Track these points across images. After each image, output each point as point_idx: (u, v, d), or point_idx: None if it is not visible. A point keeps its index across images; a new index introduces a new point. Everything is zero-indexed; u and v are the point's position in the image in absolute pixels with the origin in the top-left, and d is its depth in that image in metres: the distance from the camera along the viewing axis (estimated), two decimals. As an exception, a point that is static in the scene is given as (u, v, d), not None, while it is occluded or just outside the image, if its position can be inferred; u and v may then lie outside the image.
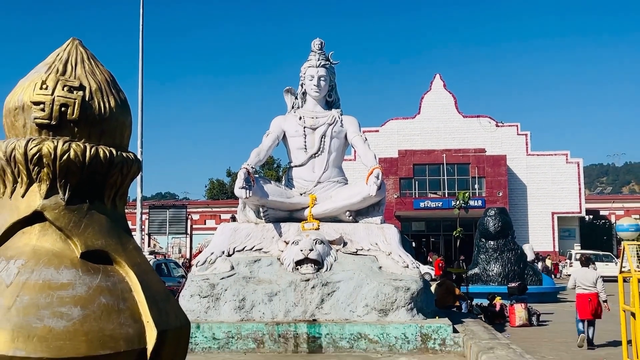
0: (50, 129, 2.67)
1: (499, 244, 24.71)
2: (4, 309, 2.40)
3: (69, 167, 2.63)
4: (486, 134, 51.05)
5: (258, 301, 11.39)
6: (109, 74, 2.86)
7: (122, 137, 2.88)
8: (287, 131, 13.59)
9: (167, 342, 2.64)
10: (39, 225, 2.66)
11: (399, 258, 11.92)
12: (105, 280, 2.61)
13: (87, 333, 2.43)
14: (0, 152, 2.66)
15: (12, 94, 2.75)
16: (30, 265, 2.53)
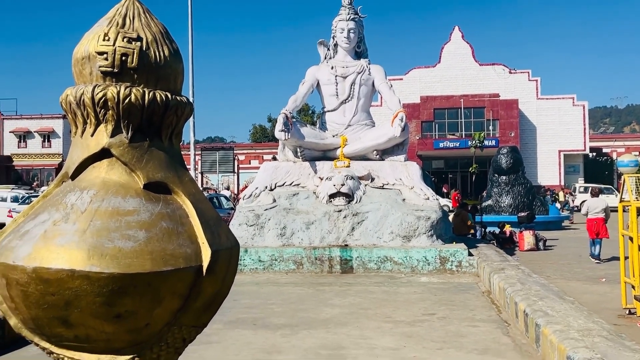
0: (113, 76, 2.67)
1: (510, 179, 24.66)
2: (80, 232, 2.46)
3: (131, 109, 2.65)
4: (500, 80, 50.10)
5: (297, 229, 11.56)
6: (162, 27, 2.84)
7: (176, 82, 2.88)
8: (320, 80, 13.53)
9: (219, 260, 2.69)
10: (106, 161, 2.69)
11: (420, 191, 11.94)
12: (165, 208, 2.65)
13: (151, 252, 2.49)
14: (71, 97, 2.68)
15: (79, 46, 2.76)
16: (100, 194, 2.58)
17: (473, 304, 7.78)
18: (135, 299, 2.45)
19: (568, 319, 5.49)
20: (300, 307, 7.67)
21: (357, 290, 8.94)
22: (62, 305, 2.44)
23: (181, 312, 2.61)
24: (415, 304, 7.78)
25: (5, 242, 2.57)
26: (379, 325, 6.56)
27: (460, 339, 5.91)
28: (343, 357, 5.26)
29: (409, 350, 5.48)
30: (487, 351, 5.46)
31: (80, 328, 2.50)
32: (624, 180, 8.31)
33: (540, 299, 6.44)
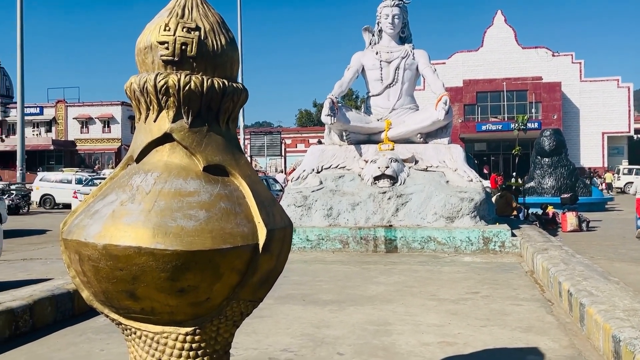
0: (174, 64, 2.73)
1: (553, 161, 24.20)
2: (145, 211, 2.53)
3: (191, 96, 2.70)
4: (543, 63, 48.92)
5: (343, 210, 11.61)
6: (219, 16, 2.88)
7: (232, 70, 2.92)
8: (365, 65, 13.47)
9: (274, 239, 2.74)
10: (168, 145, 2.76)
11: (463, 173, 11.81)
12: (223, 189, 2.71)
13: (211, 231, 2.55)
14: (135, 85, 2.75)
15: (141, 36, 2.82)
16: (163, 177, 2.65)
17: (516, 283, 7.69)
18: (197, 274, 2.52)
19: (613, 299, 5.39)
20: (346, 284, 7.72)
21: (401, 269, 8.95)
22: (129, 279, 2.53)
23: (239, 287, 2.68)
24: (459, 283, 7.74)
25: (77, 221, 2.68)
26: (423, 302, 6.56)
27: (504, 317, 5.86)
28: (389, 333, 5.28)
29: (454, 327, 5.47)
30: (531, 329, 5.41)
31: (146, 301, 2.59)
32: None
33: (584, 279, 6.33)
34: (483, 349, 4.80)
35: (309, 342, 5.03)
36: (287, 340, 5.06)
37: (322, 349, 4.82)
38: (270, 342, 5.03)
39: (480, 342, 4.98)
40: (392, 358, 4.58)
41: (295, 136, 59.28)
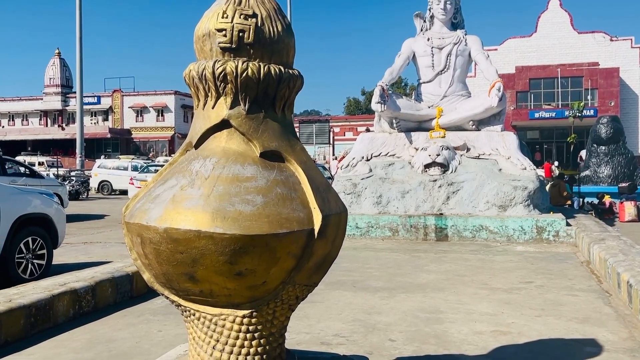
0: (231, 51, 2.75)
1: (610, 149, 23.44)
2: (204, 196, 2.58)
3: (248, 82, 2.72)
4: (600, 48, 47.24)
5: (392, 198, 11.56)
6: (275, 3, 2.89)
7: (288, 56, 2.93)
8: (416, 51, 13.33)
9: (329, 224, 2.74)
10: (226, 131, 2.79)
11: (517, 161, 11.58)
12: (279, 175, 2.73)
13: (268, 216, 2.58)
14: (194, 72, 2.80)
15: (200, 23, 2.85)
16: (221, 162, 2.69)
17: (571, 274, 7.52)
18: (254, 258, 2.56)
19: (675, 290, 5.23)
20: (397, 271, 7.71)
21: (452, 257, 8.87)
22: (189, 262, 2.59)
23: (295, 271, 2.71)
24: (511, 272, 7.62)
25: (139, 205, 2.75)
26: (475, 291, 6.49)
27: (559, 307, 5.75)
28: (441, 321, 5.26)
29: (507, 317, 5.40)
30: (588, 320, 5.29)
31: (205, 284, 2.65)
32: None
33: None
34: (538, 339, 4.73)
35: (361, 327, 5.05)
36: (339, 326, 5.09)
37: (374, 335, 4.83)
38: (322, 327, 5.07)
39: (534, 332, 4.91)
40: (445, 346, 4.56)
41: (343, 124, 59.13)
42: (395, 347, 4.53)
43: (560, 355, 4.36)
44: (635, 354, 4.39)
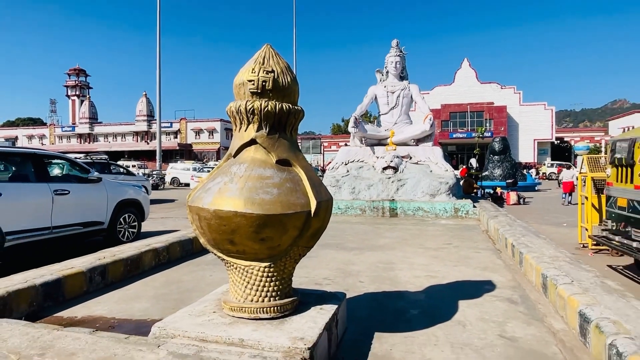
0: (257, 94, 2.73)
1: (501, 158, 23.58)
2: (239, 189, 2.56)
3: (268, 115, 2.70)
4: (494, 93, 47.35)
5: (362, 189, 11.53)
6: (286, 63, 2.86)
7: (294, 97, 2.90)
8: (377, 94, 13.28)
9: (321, 207, 2.73)
10: (254, 146, 2.77)
11: (442, 166, 11.57)
12: (288, 175, 2.72)
13: (281, 202, 2.56)
14: (233, 108, 2.77)
15: (237, 76, 2.82)
16: (250, 166, 2.67)
17: (476, 238, 7.52)
18: (272, 229, 2.54)
19: (542, 249, 5.24)
20: (365, 237, 7.69)
21: (400, 228, 8.86)
22: (229, 232, 2.57)
23: (298, 238, 2.70)
24: (438, 237, 7.62)
25: (197, 194, 2.72)
26: (415, 250, 6.48)
27: (469, 260, 5.75)
28: (393, 269, 5.25)
29: (435, 266, 5.40)
30: (486, 268, 5.29)
31: (240, 245, 2.63)
32: (583, 159, 7.72)
33: (522, 236, 6.16)
34: (455, 280, 4.73)
35: (341, 273, 5.03)
36: (327, 272, 5.07)
37: (350, 278, 4.82)
38: (316, 273, 5.05)
39: (453, 276, 4.91)
40: (396, 285, 4.55)
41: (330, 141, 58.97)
42: (364, 286, 4.52)
43: (469, 290, 4.35)
44: (515, 288, 4.42)
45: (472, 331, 3.31)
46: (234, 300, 2.79)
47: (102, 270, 4.57)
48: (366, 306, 3.87)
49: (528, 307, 3.88)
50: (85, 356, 2.38)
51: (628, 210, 4.91)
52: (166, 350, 2.37)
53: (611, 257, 6.76)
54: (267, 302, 2.72)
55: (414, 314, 3.67)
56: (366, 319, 3.55)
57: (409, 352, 2.95)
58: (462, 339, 3.17)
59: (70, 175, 7.37)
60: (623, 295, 3.47)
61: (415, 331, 3.28)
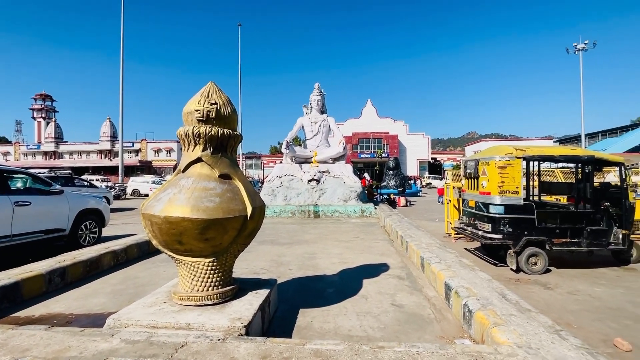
0: (203, 122, 2.62)
1: (395, 172, 24.92)
2: (187, 198, 2.42)
3: (212, 138, 2.60)
4: (390, 125, 50.38)
5: (292, 196, 11.48)
6: (227, 97, 2.78)
7: (234, 124, 2.82)
8: (304, 124, 13.38)
9: (256, 212, 2.67)
10: (199, 163, 2.64)
11: (352, 178, 11.93)
12: (229, 186, 2.62)
13: (223, 208, 2.46)
14: (182, 132, 2.63)
15: (186, 106, 2.68)
16: (197, 180, 2.54)
17: (376, 232, 7.81)
18: (214, 231, 2.43)
19: (421, 238, 5.59)
20: (294, 234, 7.63)
21: (321, 226, 8.94)
22: (178, 234, 2.40)
23: (237, 237, 2.60)
24: (349, 232, 7.80)
25: (150, 203, 2.52)
26: (332, 243, 6.55)
27: (371, 249, 5.93)
28: (315, 258, 5.26)
29: (347, 254, 5.50)
30: (384, 254, 5.51)
31: (187, 245, 2.48)
32: (446, 173, 8.47)
33: (408, 229, 6.54)
34: (361, 264, 4.85)
35: (274, 264, 4.93)
36: (263, 264, 4.94)
37: (281, 267, 4.74)
38: (254, 265, 4.89)
39: (359, 261, 5.03)
40: (317, 271, 4.55)
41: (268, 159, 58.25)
42: (292, 273, 4.47)
43: (370, 271, 4.48)
44: (403, 268, 4.65)
45: (372, 302, 3.43)
46: (183, 291, 2.61)
47: (62, 271, 4.01)
48: (294, 288, 3.84)
49: (411, 281, 4.12)
50: (39, 351, 2.05)
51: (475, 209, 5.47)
52: (119, 338, 2.13)
53: (467, 242, 7.43)
54: (211, 291, 2.58)
55: (330, 292, 3.71)
56: (293, 298, 3.52)
57: (325, 322, 2.97)
58: (365, 308, 3.27)
59: (32, 188, 6.41)
60: (473, 269, 3.84)
61: (330, 305, 3.32)
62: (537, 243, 4.84)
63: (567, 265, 5.21)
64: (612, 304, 3.70)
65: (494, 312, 2.64)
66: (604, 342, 2.91)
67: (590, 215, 4.97)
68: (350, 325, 2.91)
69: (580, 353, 2.08)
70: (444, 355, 2.02)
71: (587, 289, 4.15)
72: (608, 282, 4.43)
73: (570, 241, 4.87)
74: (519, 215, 4.83)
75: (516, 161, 4.85)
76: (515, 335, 2.28)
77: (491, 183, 4.95)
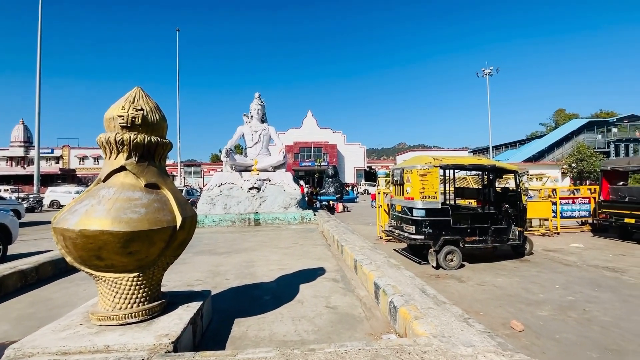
0: (127, 128, 2.42)
1: (334, 180, 25.39)
2: (107, 209, 2.20)
3: (137, 145, 2.41)
4: (329, 135, 51.62)
5: (232, 205, 11.11)
6: (155, 103, 2.61)
7: (163, 132, 2.65)
8: (244, 132, 13.10)
9: (186, 222, 2.53)
10: (123, 172, 2.43)
11: (292, 186, 11.96)
12: (156, 196, 2.45)
13: (149, 219, 2.28)
14: (103, 138, 2.40)
15: (108, 111, 2.46)
16: (119, 189, 2.32)
17: (315, 237, 7.88)
18: (139, 243, 2.24)
19: (355, 242, 5.79)
20: (233, 243, 7.37)
21: (262, 234, 8.77)
22: (96, 248, 2.17)
23: (165, 249, 2.43)
24: (289, 239, 7.76)
25: (63, 216, 2.24)
26: (271, 249, 6.45)
27: (309, 254, 5.96)
28: (253, 266, 5.13)
29: (285, 260, 5.46)
30: (320, 258, 5.58)
31: (108, 260, 2.24)
32: (378, 180, 8.94)
33: (343, 233, 6.71)
34: (299, 269, 4.85)
35: (211, 274, 4.69)
36: (199, 275, 4.67)
37: (218, 277, 4.53)
38: (189, 276, 4.60)
39: (297, 267, 5.03)
40: (255, 279, 4.44)
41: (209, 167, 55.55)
42: (229, 282, 4.30)
43: (307, 276, 4.51)
44: (338, 271, 4.76)
45: (308, 306, 3.45)
46: (103, 310, 2.34)
47: (-52, 299, 3.33)
48: (230, 298, 3.69)
49: (345, 283, 4.24)
50: None
51: (402, 213, 5.86)
52: (20, 370, 1.83)
53: (396, 243, 7.89)
54: (135, 308, 2.36)
55: (266, 299, 3.64)
56: (229, 308, 3.38)
57: (261, 329, 2.91)
58: (301, 312, 3.28)
59: None
60: (399, 268, 4.09)
61: (266, 313, 3.26)
62: (452, 242, 5.34)
63: (477, 259, 5.83)
64: (510, 291, 4.23)
65: (415, 307, 2.84)
66: (503, 325, 3.31)
67: (493, 216, 5.65)
68: (286, 331, 2.88)
69: (483, 337, 2.33)
70: (369, 352, 2.11)
71: (491, 280, 4.68)
72: (508, 272, 5.06)
73: (479, 239, 5.47)
74: (437, 217, 5.29)
75: (434, 169, 5.32)
76: (432, 327, 2.47)
77: (414, 189, 5.36)
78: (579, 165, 37.80)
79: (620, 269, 5.25)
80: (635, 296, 4.05)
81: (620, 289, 4.29)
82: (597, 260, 5.84)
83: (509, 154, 51.37)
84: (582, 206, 9.05)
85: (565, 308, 3.69)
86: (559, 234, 8.49)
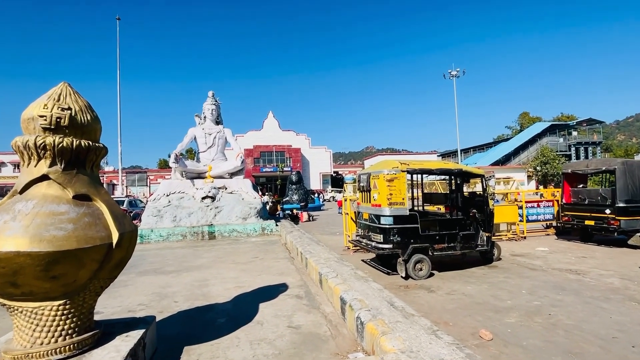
0: (50, 130, 2.25)
1: (297, 187, 25.33)
2: (24, 227, 2.01)
3: (63, 150, 2.24)
4: (292, 138, 51.68)
5: (183, 216, 10.69)
6: (86, 102, 2.45)
7: (95, 135, 2.49)
8: (196, 135, 12.72)
9: (124, 239, 2.38)
10: (46, 182, 2.24)
11: (252, 194, 11.76)
12: (87, 209, 2.28)
13: (77, 236, 2.12)
14: (20, 142, 2.20)
15: (26, 110, 2.27)
16: (40, 203, 2.14)
17: (277, 250, 7.81)
18: (65, 265, 2.08)
19: (320, 254, 5.80)
20: (184, 260, 7.07)
21: (217, 248, 8.52)
22: (10, 274, 1.97)
23: (99, 270, 2.27)
24: (248, 253, 7.61)
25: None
26: (228, 266, 6.28)
27: (270, 269, 5.89)
28: (207, 285, 4.96)
29: (243, 278, 5.34)
30: (283, 273, 5.53)
31: (26, 287, 2.05)
32: (345, 186, 9.08)
33: (308, 245, 6.71)
34: (259, 287, 4.77)
35: (157, 297, 4.46)
36: (142, 298, 4.42)
37: (165, 301, 4.31)
38: (130, 301, 4.34)
39: (257, 284, 4.95)
40: (208, 300, 4.30)
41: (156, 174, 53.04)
42: (178, 305, 4.11)
43: (268, 293, 4.45)
44: (302, 286, 4.73)
45: (268, 327, 3.39)
46: (19, 347, 2.13)
47: None
48: (178, 323, 3.52)
49: (310, 299, 4.23)
50: None
51: (369, 221, 5.98)
52: None
53: (364, 253, 8.02)
54: (61, 342, 2.17)
55: (221, 322, 3.52)
56: (177, 336, 3.22)
57: (214, 357, 2.80)
58: (260, 335, 3.21)
59: None
60: (367, 281, 4.16)
61: (221, 337, 3.15)
62: (421, 250, 5.54)
63: (446, 267, 6.09)
64: (479, 299, 4.46)
65: (383, 322, 2.89)
66: (472, 335, 3.47)
67: (462, 222, 5.94)
68: (242, 357, 2.80)
69: (452, 349, 2.43)
70: (334, 373, 2.10)
71: (461, 288, 4.91)
72: (476, 280, 5.33)
73: (448, 246, 5.72)
74: (405, 224, 5.46)
75: (402, 174, 5.51)
76: (400, 342, 2.53)
77: (381, 195, 5.50)
78: (543, 168, 41.07)
79: (582, 271, 5.74)
80: (596, 297, 4.45)
81: (582, 291, 4.69)
82: (561, 263, 6.34)
83: (477, 157, 54.60)
84: (547, 209, 9.83)
85: (532, 313, 3.96)
86: (525, 238, 9.13)
